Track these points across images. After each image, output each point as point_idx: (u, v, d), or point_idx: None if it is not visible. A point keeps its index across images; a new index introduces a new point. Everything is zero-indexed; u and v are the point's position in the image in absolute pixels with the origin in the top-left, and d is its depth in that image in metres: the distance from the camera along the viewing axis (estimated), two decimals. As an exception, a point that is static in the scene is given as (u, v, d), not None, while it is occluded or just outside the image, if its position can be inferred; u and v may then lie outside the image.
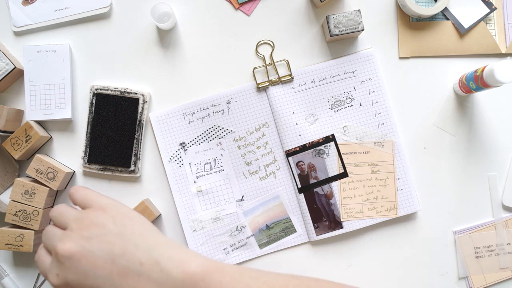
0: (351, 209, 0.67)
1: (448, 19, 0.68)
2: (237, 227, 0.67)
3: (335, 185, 0.67)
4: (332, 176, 0.67)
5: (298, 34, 0.68)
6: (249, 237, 0.67)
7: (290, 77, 0.67)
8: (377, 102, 0.67)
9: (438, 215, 0.68)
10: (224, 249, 0.67)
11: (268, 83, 0.67)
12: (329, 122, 0.67)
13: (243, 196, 0.67)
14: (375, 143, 0.67)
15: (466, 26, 0.67)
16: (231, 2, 0.68)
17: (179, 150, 0.67)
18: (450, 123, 0.68)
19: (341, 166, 0.67)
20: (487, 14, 0.67)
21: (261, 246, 0.67)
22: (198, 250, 0.67)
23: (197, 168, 0.67)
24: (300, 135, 0.67)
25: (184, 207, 0.67)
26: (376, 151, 0.67)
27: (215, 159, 0.67)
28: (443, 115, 0.68)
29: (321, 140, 0.67)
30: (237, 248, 0.68)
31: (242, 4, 0.68)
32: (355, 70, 0.67)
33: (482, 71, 0.59)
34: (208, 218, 0.67)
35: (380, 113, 0.67)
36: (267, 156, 0.68)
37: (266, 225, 0.67)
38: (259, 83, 0.67)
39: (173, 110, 0.67)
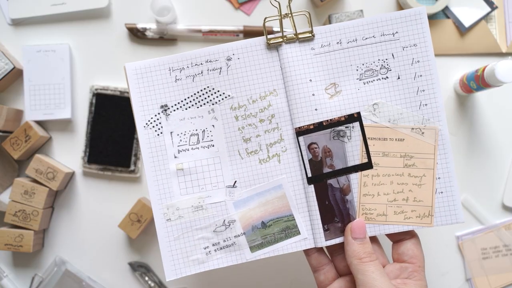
0: (372, 209, 0.54)
1: (448, 18, 0.70)
2: (224, 221, 0.54)
3: (354, 177, 0.54)
4: (352, 166, 0.54)
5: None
6: (239, 235, 0.54)
7: (310, 35, 0.53)
8: (421, 76, 0.53)
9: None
10: (205, 248, 0.53)
11: (281, 40, 0.53)
12: (355, 96, 0.54)
13: (235, 182, 0.54)
14: (413, 129, 0.54)
15: (467, 25, 0.69)
16: (231, 2, 0.70)
17: (159, 114, 0.54)
18: (450, 123, 0.70)
19: (365, 155, 0.54)
20: (488, 13, 0.69)
21: (252, 249, 0.54)
22: (170, 245, 0.53)
23: (180, 140, 0.54)
24: (316, 109, 0.53)
25: (158, 188, 0.53)
26: (413, 139, 0.54)
27: (204, 131, 0.54)
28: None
29: (342, 119, 0.54)
30: (221, 249, 0.54)
31: (242, 3, 0.70)
32: (396, 32, 0.54)
33: (483, 70, 0.61)
34: (188, 206, 0.54)
35: (423, 90, 0.53)
36: (272, 132, 0.54)
37: (262, 222, 0.54)
38: (270, 38, 0.53)
39: (156, 62, 0.54)
